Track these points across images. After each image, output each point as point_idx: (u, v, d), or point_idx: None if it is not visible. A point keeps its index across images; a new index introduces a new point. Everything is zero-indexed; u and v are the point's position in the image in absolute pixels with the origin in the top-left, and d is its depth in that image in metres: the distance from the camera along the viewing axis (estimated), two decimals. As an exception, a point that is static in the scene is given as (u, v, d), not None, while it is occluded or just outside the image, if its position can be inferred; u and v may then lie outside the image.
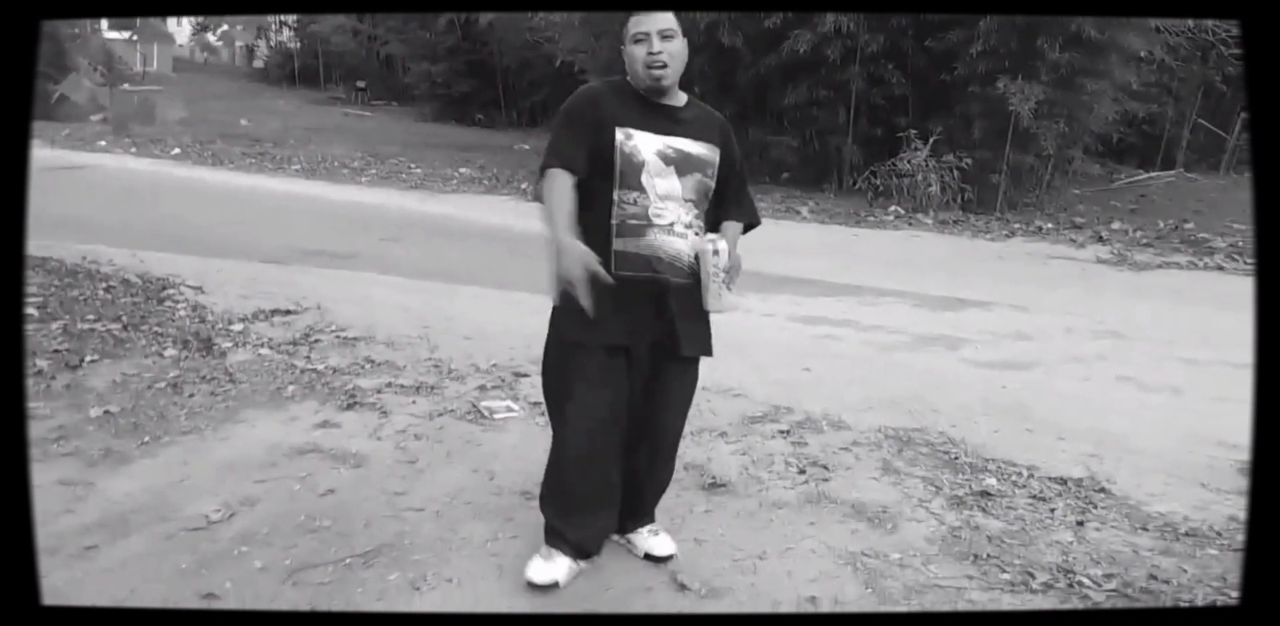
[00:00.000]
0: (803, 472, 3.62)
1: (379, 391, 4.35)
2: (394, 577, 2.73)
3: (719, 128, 2.74)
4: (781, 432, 4.06)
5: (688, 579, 2.78)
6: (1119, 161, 17.18)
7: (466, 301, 6.55)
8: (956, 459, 3.82)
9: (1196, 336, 6.34)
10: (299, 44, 35.22)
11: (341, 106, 29.15)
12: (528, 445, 3.71)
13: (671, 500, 3.21)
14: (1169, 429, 4.36)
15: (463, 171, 15.50)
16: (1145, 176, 16.08)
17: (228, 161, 15.41)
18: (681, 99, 2.69)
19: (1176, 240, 11.21)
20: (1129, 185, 15.62)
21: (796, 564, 2.91)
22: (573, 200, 2.51)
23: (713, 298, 2.57)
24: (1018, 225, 12.08)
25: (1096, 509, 3.38)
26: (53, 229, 7.54)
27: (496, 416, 4.11)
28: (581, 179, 2.55)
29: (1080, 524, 3.25)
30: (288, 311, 5.68)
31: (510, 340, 5.19)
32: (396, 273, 7.41)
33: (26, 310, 5.19)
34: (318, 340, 5.13)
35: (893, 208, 12.61)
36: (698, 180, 2.63)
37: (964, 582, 2.82)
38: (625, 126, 2.56)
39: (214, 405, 4.11)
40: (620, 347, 2.64)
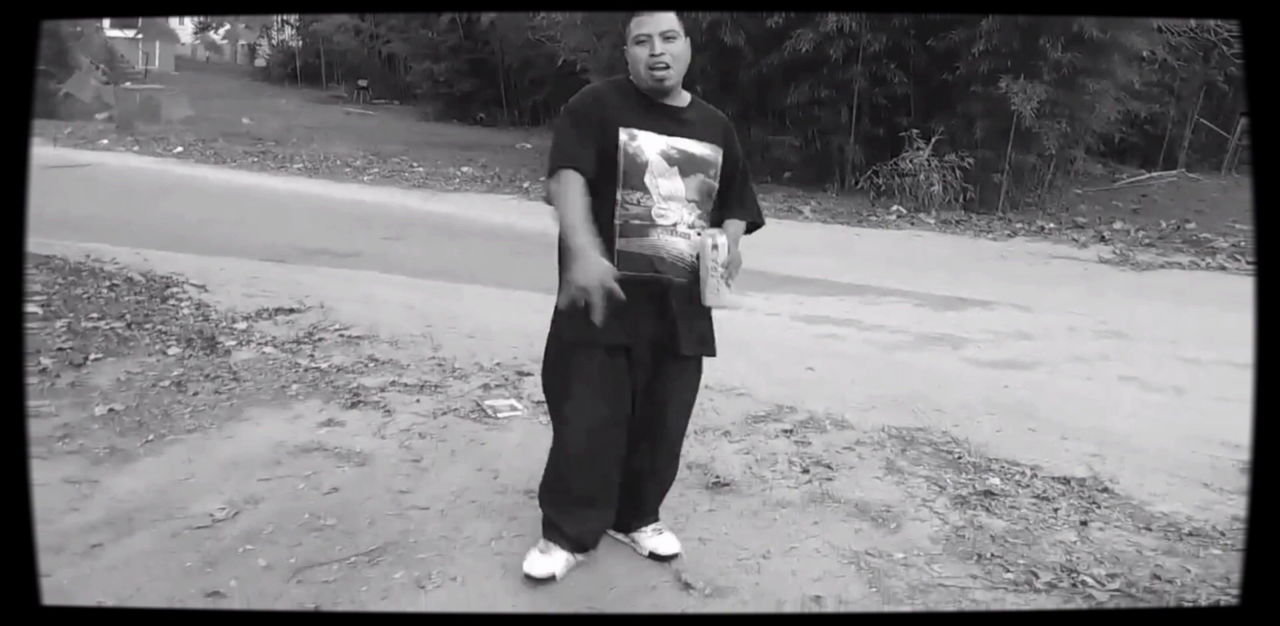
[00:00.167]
0: (806, 472, 3.62)
1: (383, 390, 4.35)
2: (399, 576, 2.73)
3: (722, 128, 2.73)
4: (785, 432, 4.06)
5: (692, 578, 2.78)
6: (1121, 161, 17.19)
7: (469, 300, 6.55)
8: (960, 458, 3.82)
9: (1199, 336, 6.35)
10: (301, 43, 35.29)
11: (343, 105, 29.19)
12: (531, 444, 3.71)
13: (675, 499, 3.21)
14: (1172, 429, 4.37)
15: (465, 170, 15.51)
16: (1147, 176, 16.09)
17: (230, 160, 15.41)
18: (684, 99, 2.68)
19: (1179, 240, 11.22)
20: (1131, 185, 15.63)
21: (800, 563, 2.91)
22: (586, 203, 2.49)
23: (710, 293, 2.56)
24: (1020, 225, 12.08)
25: (1100, 508, 3.38)
26: (56, 227, 7.56)
27: (500, 415, 4.11)
28: (589, 179, 2.55)
29: (1084, 523, 3.25)
30: (291, 310, 5.68)
31: (513, 339, 5.20)
32: (399, 271, 7.41)
33: (30, 308, 5.20)
34: (321, 338, 5.13)
35: (895, 207, 12.61)
36: (701, 180, 2.63)
37: (968, 582, 2.82)
38: (629, 127, 2.56)
39: (218, 403, 4.11)
40: (620, 347, 2.63)
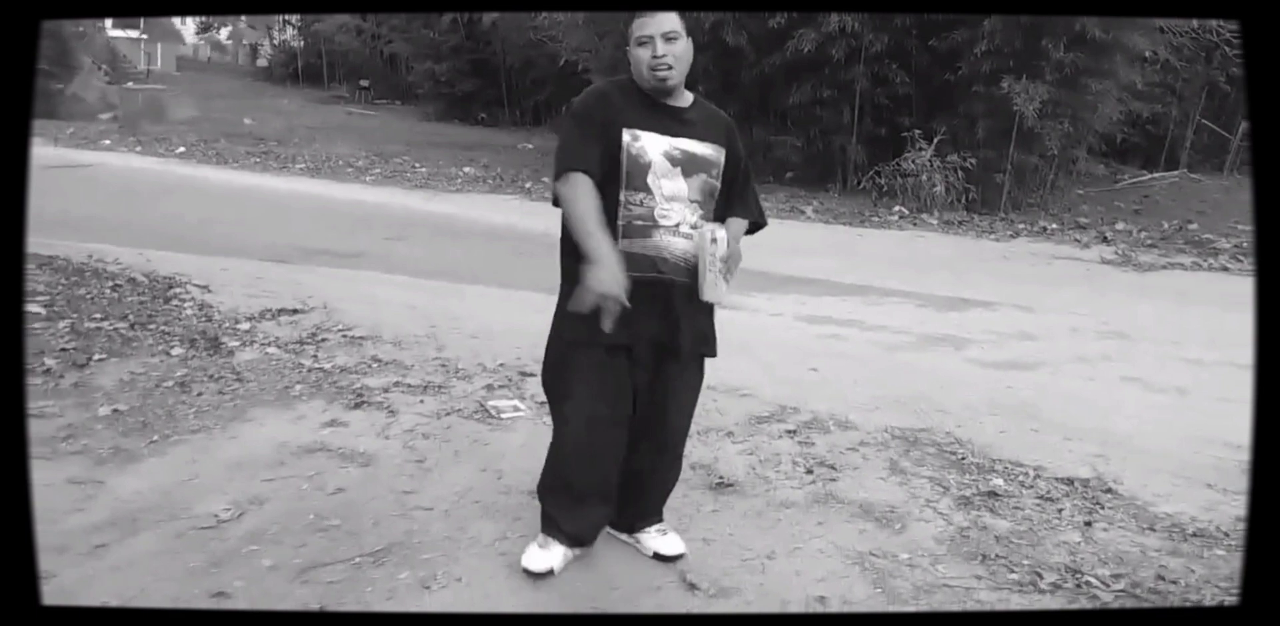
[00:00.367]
0: (810, 472, 3.62)
1: (386, 390, 4.35)
2: (404, 576, 2.73)
3: (724, 128, 2.73)
4: (788, 432, 4.06)
5: (696, 578, 2.78)
6: (1122, 161, 17.19)
7: (472, 300, 6.55)
8: (963, 459, 3.82)
9: (1201, 337, 6.34)
10: (303, 43, 35.28)
11: (345, 105, 29.22)
12: (535, 444, 3.69)
13: (679, 499, 3.21)
14: (1175, 429, 4.36)
15: (467, 170, 15.51)
16: (1149, 177, 16.09)
17: (232, 160, 15.42)
18: (687, 99, 2.68)
19: (1181, 241, 11.22)
20: (1133, 185, 15.63)
21: (805, 563, 2.91)
22: (599, 205, 2.49)
23: (709, 287, 2.54)
24: (1022, 225, 12.08)
25: (1104, 509, 3.38)
26: (58, 227, 7.56)
27: (504, 416, 4.11)
28: (596, 181, 2.54)
29: (1088, 524, 3.25)
30: (294, 310, 5.68)
31: (516, 339, 5.20)
32: (402, 272, 7.41)
33: (34, 309, 5.20)
34: (324, 339, 5.13)
35: (897, 207, 12.62)
36: (703, 181, 2.63)
37: (972, 582, 2.82)
38: (632, 127, 2.56)
39: (222, 404, 4.11)
40: (621, 347, 2.63)
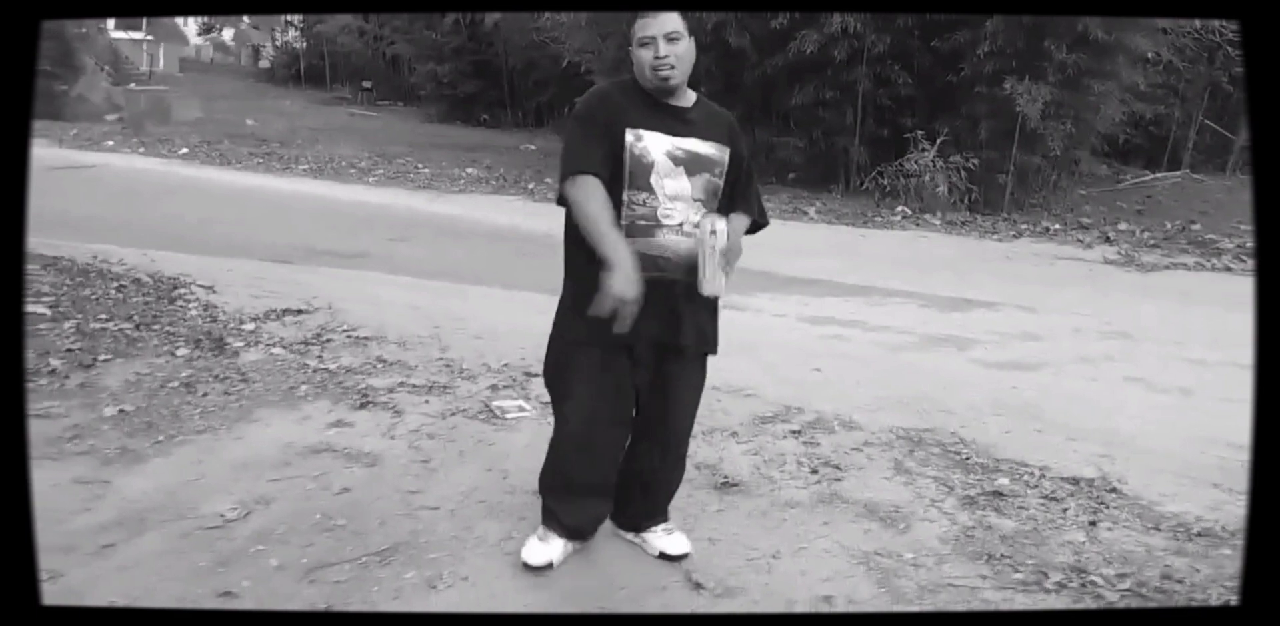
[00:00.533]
0: (815, 472, 3.63)
1: (391, 391, 4.36)
2: (410, 576, 2.74)
3: (727, 126, 2.73)
4: (793, 432, 4.07)
5: (702, 578, 2.78)
6: (1125, 162, 17.17)
7: (476, 301, 6.56)
8: (968, 459, 3.83)
9: (1204, 337, 6.34)
10: (305, 44, 35.26)
11: (347, 106, 29.18)
12: (540, 444, 3.65)
13: (684, 499, 3.22)
14: (1179, 429, 4.37)
15: (470, 171, 15.52)
16: (1151, 177, 16.07)
17: (235, 161, 15.42)
18: (690, 98, 2.68)
19: (1184, 241, 11.21)
20: (1135, 186, 15.62)
21: (810, 563, 2.92)
22: (610, 208, 2.50)
23: (708, 279, 2.52)
24: (1025, 226, 12.08)
25: (1108, 509, 3.38)
26: (62, 228, 7.57)
27: (508, 416, 4.12)
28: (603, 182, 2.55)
29: (1093, 524, 3.25)
30: (299, 311, 5.68)
31: (520, 340, 5.20)
32: (406, 272, 7.42)
33: (39, 309, 5.21)
34: (329, 339, 5.14)
35: (900, 208, 12.61)
36: (706, 180, 2.63)
37: (977, 582, 2.83)
38: (635, 127, 2.56)
39: (227, 404, 4.12)
40: (622, 346, 2.64)
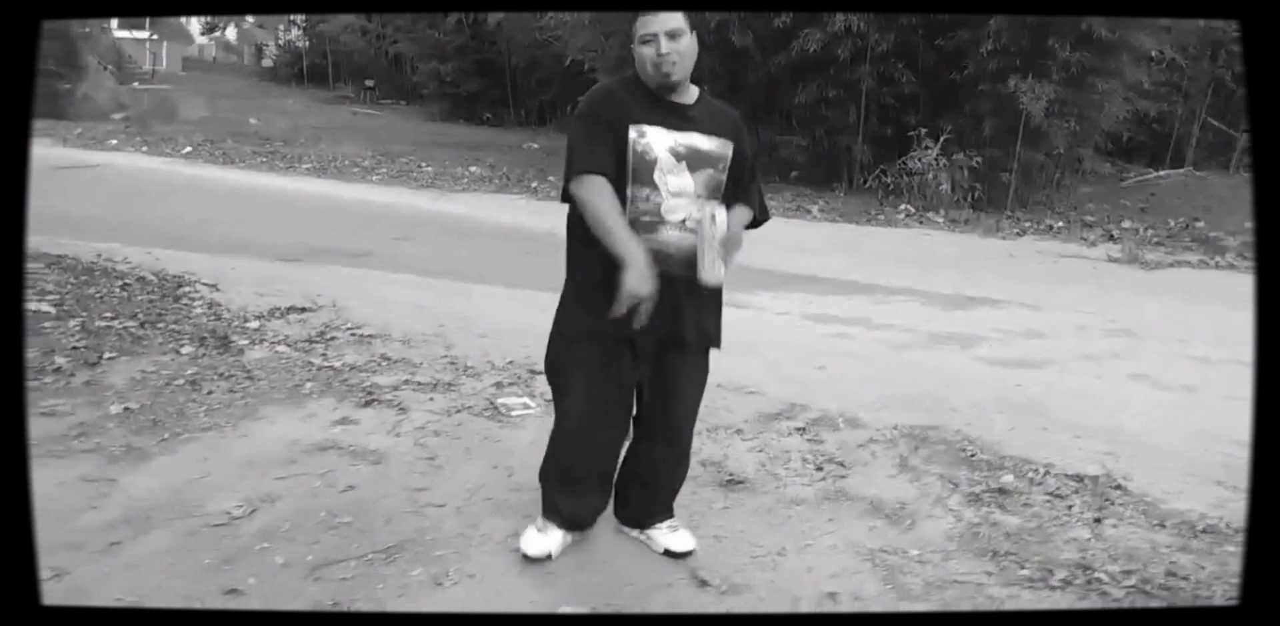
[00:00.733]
0: (820, 469, 3.63)
1: (396, 388, 4.36)
2: (416, 573, 2.74)
3: (731, 122, 2.73)
4: (798, 430, 4.07)
5: (708, 575, 2.79)
6: (1128, 160, 17.17)
7: (479, 299, 6.56)
8: (973, 456, 3.83)
9: (1208, 334, 6.34)
10: (308, 43, 35.31)
11: (350, 105, 29.22)
12: (545, 442, 3.64)
13: (689, 496, 3.22)
14: (1183, 426, 4.37)
15: (473, 170, 15.52)
16: (1154, 175, 16.06)
17: (238, 160, 15.43)
18: (692, 95, 2.68)
19: (1187, 239, 11.22)
20: (1138, 184, 15.62)
21: (816, 560, 2.92)
22: (619, 207, 2.51)
23: (707, 266, 2.52)
24: (1028, 223, 12.08)
25: (1113, 506, 3.38)
26: (66, 227, 7.58)
27: (513, 413, 4.12)
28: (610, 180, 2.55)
29: (1098, 521, 3.25)
30: (303, 309, 5.68)
31: (524, 338, 5.19)
32: (409, 271, 7.42)
33: (44, 307, 5.22)
34: (334, 337, 5.14)
35: (903, 206, 12.61)
36: (709, 175, 2.63)
37: (983, 579, 2.83)
38: (638, 124, 2.57)
39: (232, 402, 4.12)
40: (624, 340, 2.65)
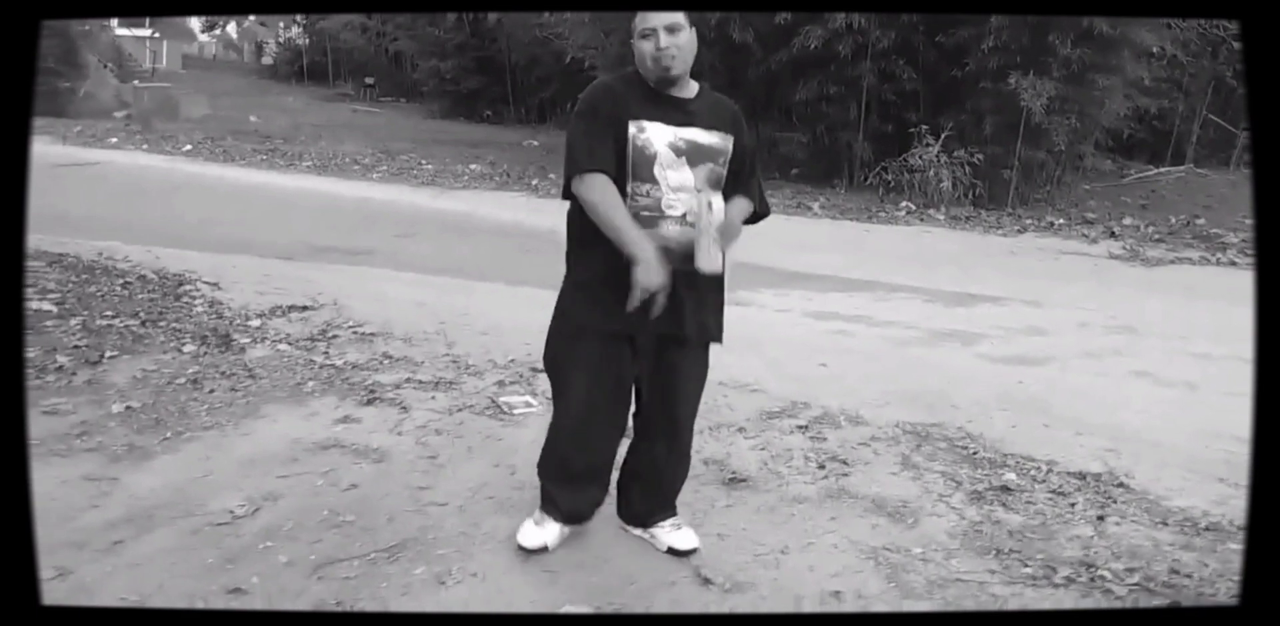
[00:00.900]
0: (822, 467, 3.63)
1: (398, 387, 4.36)
2: (419, 572, 2.74)
3: (731, 116, 2.72)
4: (799, 428, 4.06)
5: (711, 573, 2.78)
6: (1129, 157, 17.17)
7: (481, 297, 6.56)
8: (975, 454, 3.83)
9: (1210, 331, 6.33)
10: (308, 40, 35.31)
11: (350, 103, 29.25)
12: None
13: (692, 495, 3.22)
14: (1185, 424, 4.36)
15: (473, 168, 15.51)
16: (1155, 172, 16.06)
17: (239, 158, 15.42)
18: (692, 89, 2.68)
19: (1189, 236, 11.22)
20: (1139, 181, 15.61)
21: (818, 558, 2.92)
22: (623, 203, 2.52)
23: (704, 254, 2.50)
24: (1029, 221, 12.07)
25: (1116, 503, 3.38)
26: (67, 225, 7.58)
27: (515, 411, 4.12)
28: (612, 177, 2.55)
29: (1100, 518, 3.25)
30: (304, 307, 5.68)
31: (526, 336, 5.18)
32: (410, 269, 7.42)
33: (46, 306, 5.22)
34: (335, 336, 5.14)
35: (904, 203, 12.60)
36: (710, 169, 2.63)
37: (986, 577, 2.83)
38: (638, 119, 2.57)
39: (234, 401, 4.12)
40: (623, 336, 2.66)
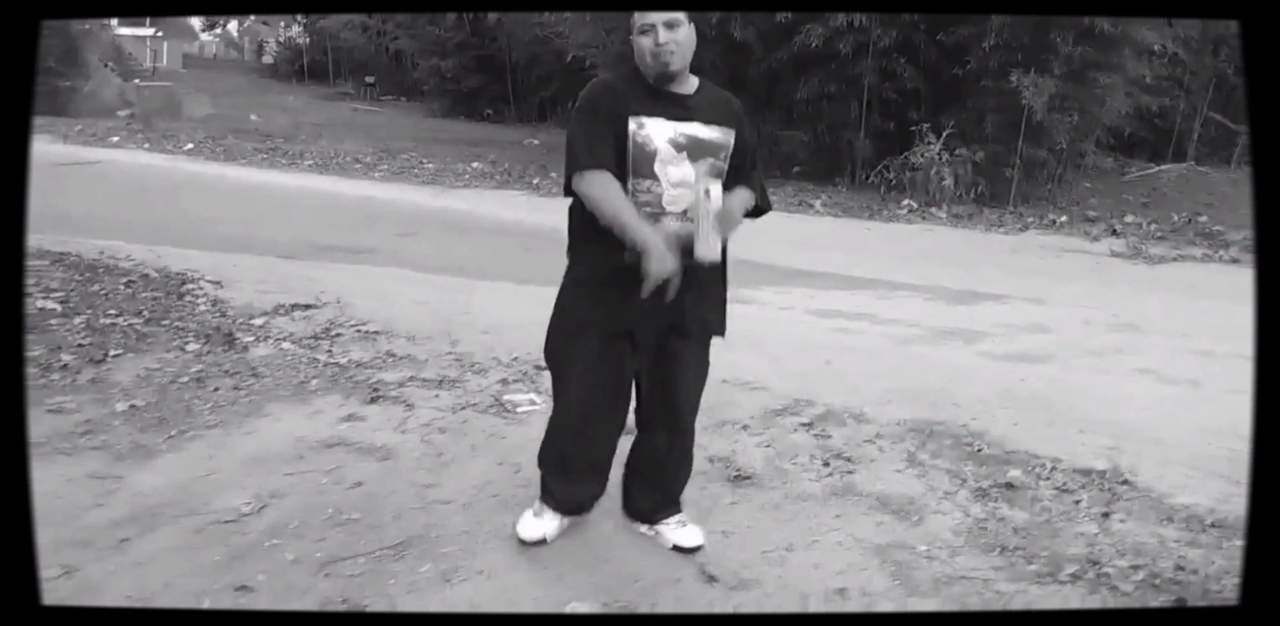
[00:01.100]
0: (827, 465, 3.63)
1: (402, 385, 4.36)
2: (425, 569, 2.74)
3: (732, 110, 2.72)
4: (804, 425, 4.07)
5: (716, 570, 2.79)
6: (1129, 155, 17.16)
7: (483, 295, 6.55)
8: (979, 451, 3.83)
9: (1213, 329, 6.33)
10: (308, 39, 35.33)
11: (350, 102, 29.25)
12: None
13: (697, 492, 3.22)
14: (1189, 421, 4.36)
15: (474, 166, 15.51)
16: (1156, 169, 16.05)
17: (240, 157, 15.42)
18: (692, 85, 2.67)
19: (1191, 233, 11.22)
20: (1140, 178, 15.61)
21: (824, 556, 2.92)
22: (626, 197, 2.51)
23: (702, 242, 2.48)
24: (1031, 218, 12.07)
25: (1121, 500, 3.39)
26: (69, 224, 7.57)
27: (519, 409, 4.12)
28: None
29: (1105, 515, 3.25)
30: (307, 306, 5.68)
31: (529, 334, 5.15)
32: (413, 267, 7.42)
33: (49, 305, 5.22)
34: (338, 334, 5.14)
35: (906, 201, 12.60)
36: (710, 164, 2.62)
37: (991, 574, 2.83)
38: (637, 116, 2.56)
39: (238, 399, 4.12)
40: (623, 332, 2.67)
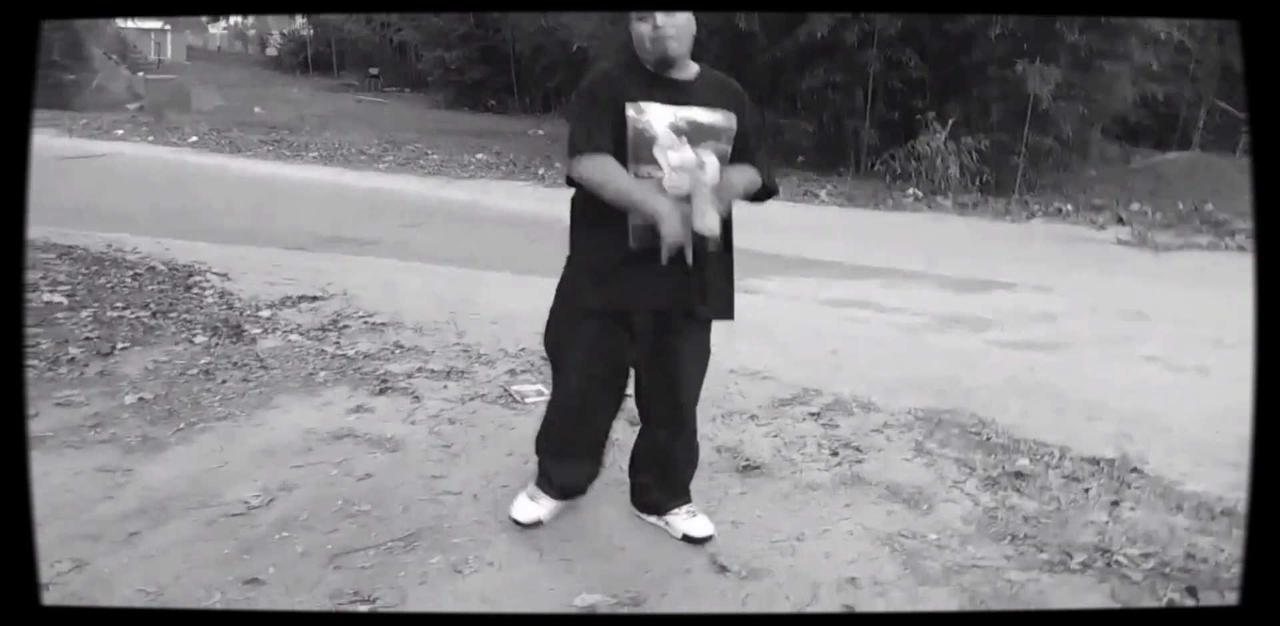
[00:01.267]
0: (835, 454, 3.63)
1: (410, 376, 4.36)
2: (435, 561, 2.74)
3: (733, 94, 2.70)
4: (812, 415, 4.06)
5: (726, 560, 2.78)
6: (1134, 143, 17.11)
7: (490, 286, 6.55)
8: (988, 440, 3.82)
9: (1220, 316, 6.30)
10: (312, 31, 35.30)
11: (355, 93, 29.22)
12: None
13: (706, 482, 3.22)
14: (1198, 409, 4.35)
15: (479, 157, 15.50)
16: (1161, 157, 16.00)
17: (245, 149, 15.42)
18: (692, 71, 2.66)
19: (1197, 221, 11.18)
20: (1146, 166, 15.57)
21: (834, 545, 2.92)
22: (627, 173, 2.52)
23: (699, 215, 2.46)
24: (1037, 207, 12.04)
25: (1130, 488, 3.38)
26: (75, 217, 7.58)
27: (528, 400, 4.12)
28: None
29: (1115, 504, 3.25)
30: (314, 297, 5.68)
31: (536, 324, 5.09)
32: (419, 258, 7.41)
33: (56, 298, 5.23)
34: (346, 326, 5.14)
35: (911, 190, 12.57)
36: (713, 147, 2.61)
37: (1001, 563, 2.83)
38: (637, 101, 2.56)
39: (246, 391, 4.12)
40: (622, 320, 2.68)
